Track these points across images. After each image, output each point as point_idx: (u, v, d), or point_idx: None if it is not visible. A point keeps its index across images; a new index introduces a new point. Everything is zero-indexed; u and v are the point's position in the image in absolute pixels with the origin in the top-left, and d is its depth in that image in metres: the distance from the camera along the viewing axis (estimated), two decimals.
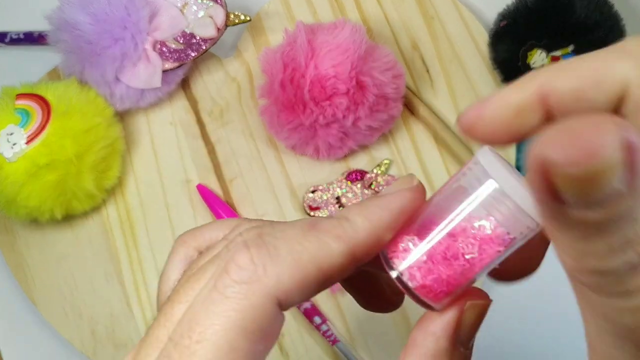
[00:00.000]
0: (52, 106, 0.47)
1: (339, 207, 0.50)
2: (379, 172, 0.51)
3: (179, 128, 0.53)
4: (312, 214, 0.50)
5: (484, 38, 0.54)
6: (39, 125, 0.47)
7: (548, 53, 0.50)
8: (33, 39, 0.56)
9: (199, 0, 0.51)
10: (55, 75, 0.54)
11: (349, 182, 0.51)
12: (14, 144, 0.46)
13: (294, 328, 0.49)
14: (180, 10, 0.51)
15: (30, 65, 0.55)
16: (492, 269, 0.23)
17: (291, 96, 0.47)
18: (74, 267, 0.50)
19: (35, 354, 0.51)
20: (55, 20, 0.49)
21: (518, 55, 0.50)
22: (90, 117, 0.48)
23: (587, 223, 0.16)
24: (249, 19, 0.52)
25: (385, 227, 0.23)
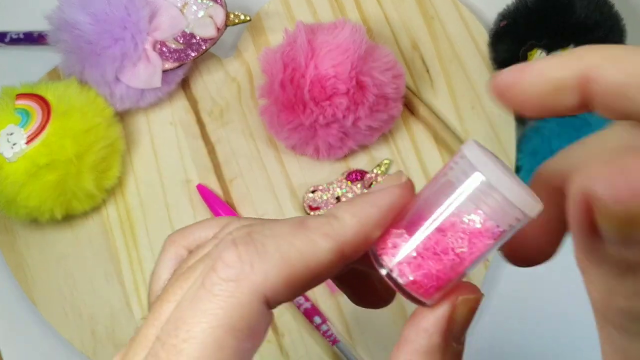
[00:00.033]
0: (52, 106, 0.47)
1: None
2: (379, 172, 0.51)
3: (179, 128, 0.53)
4: (312, 214, 0.50)
5: (484, 38, 0.53)
6: (39, 125, 0.47)
7: (548, 53, 0.50)
8: (33, 39, 0.56)
9: (199, 0, 0.51)
10: (55, 75, 0.54)
11: (349, 182, 0.51)
12: (14, 144, 0.46)
13: (294, 328, 0.49)
14: (180, 10, 0.51)
15: (30, 65, 0.55)
16: (509, 252, 0.23)
17: (291, 96, 0.47)
18: (74, 267, 0.50)
19: (35, 354, 0.51)
20: (55, 20, 0.49)
21: (518, 55, 0.50)
22: (90, 117, 0.48)
23: (622, 262, 0.16)
24: (249, 18, 0.52)
25: (374, 224, 0.22)
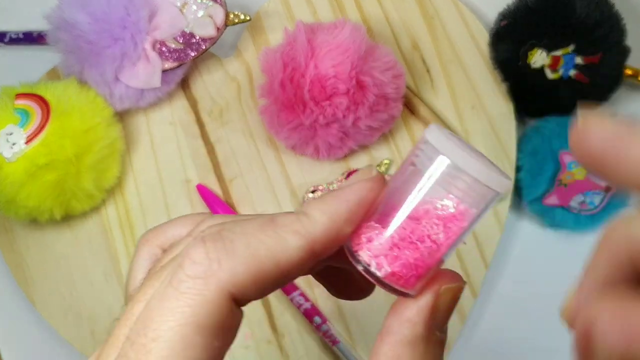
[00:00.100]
0: (52, 106, 0.47)
1: None
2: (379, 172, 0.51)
3: (178, 128, 0.53)
4: None
5: (484, 38, 0.53)
6: (39, 125, 0.47)
7: (548, 53, 0.50)
8: (32, 39, 0.56)
9: (199, 0, 0.51)
10: (54, 75, 0.54)
11: None
12: (14, 144, 0.46)
13: (294, 328, 0.49)
14: (179, 9, 0.51)
15: (29, 65, 0.55)
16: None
17: (291, 96, 0.47)
18: (74, 267, 0.50)
19: (35, 354, 0.51)
20: (54, 19, 0.49)
21: (518, 54, 0.50)
22: (90, 117, 0.48)
23: None
24: (248, 18, 0.52)
25: (344, 220, 0.22)
